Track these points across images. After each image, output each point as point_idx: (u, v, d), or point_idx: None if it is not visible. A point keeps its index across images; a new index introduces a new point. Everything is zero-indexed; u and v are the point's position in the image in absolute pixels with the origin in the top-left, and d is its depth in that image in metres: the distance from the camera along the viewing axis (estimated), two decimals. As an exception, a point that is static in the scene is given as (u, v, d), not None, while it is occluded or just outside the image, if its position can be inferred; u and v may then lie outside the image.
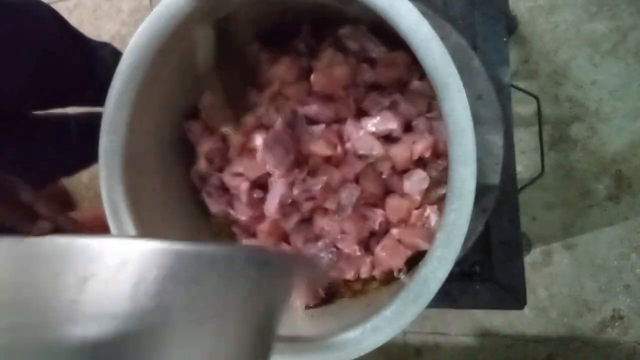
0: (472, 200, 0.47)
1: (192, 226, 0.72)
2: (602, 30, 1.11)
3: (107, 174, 0.58)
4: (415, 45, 0.47)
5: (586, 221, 1.14)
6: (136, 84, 0.58)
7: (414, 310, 0.50)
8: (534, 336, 1.19)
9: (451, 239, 0.48)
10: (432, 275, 0.49)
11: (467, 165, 0.47)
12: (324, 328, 0.60)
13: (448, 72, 0.46)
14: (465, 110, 0.46)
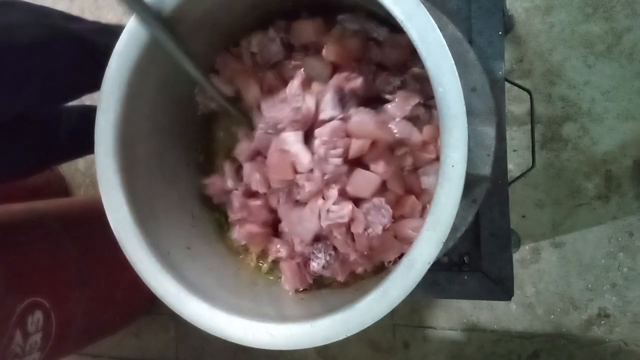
0: (462, 185, 0.47)
1: (187, 209, 0.72)
2: (597, 31, 1.12)
3: (102, 150, 0.58)
4: (409, 28, 0.47)
5: (575, 220, 1.16)
6: (132, 64, 0.58)
7: (401, 292, 0.50)
8: (520, 332, 1.20)
9: (440, 221, 0.48)
10: (419, 257, 0.49)
11: (458, 150, 0.47)
12: (312, 310, 0.61)
13: (442, 57, 0.47)
14: (458, 94, 0.47)
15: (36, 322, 1.00)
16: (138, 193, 0.61)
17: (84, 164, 1.63)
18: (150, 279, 0.58)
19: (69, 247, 1.13)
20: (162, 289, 0.57)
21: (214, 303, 0.56)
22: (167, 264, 0.59)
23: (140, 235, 0.58)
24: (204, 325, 0.55)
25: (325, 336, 0.52)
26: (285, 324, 0.54)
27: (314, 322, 0.53)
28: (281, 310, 0.62)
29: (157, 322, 1.52)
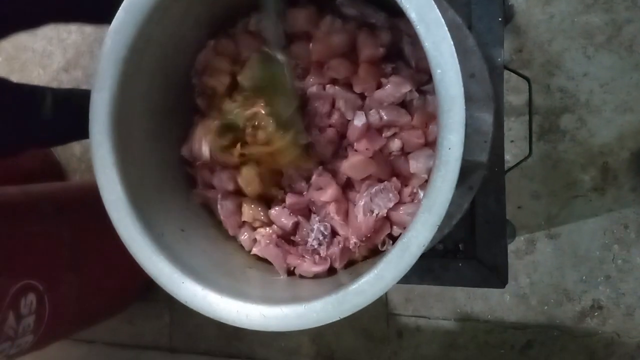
0: (458, 167, 0.47)
1: (181, 192, 0.72)
2: (597, 22, 1.12)
3: (97, 129, 0.58)
4: (408, 8, 0.47)
5: (571, 211, 1.16)
6: (128, 42, 0.57)
7: (395, 274, 0.50)
8: (514, 323, 1.21)
9: (435, 204, 0.48)
10: (414, 239, 0.49)
11: (456, 133, 0.47)
12: (305, 293, 0.61)
13: (441, 37, 0.46)
14: (457, 76, 0.46)
15: (29, 305, 1.00)
16: (133, 173, 0.60)
17: (79, 149, 1.62)
18: (144, 259, 0.57)
19: (63, 230, 1.13)
20: (156, 269, 0.57)
21: (207, 284, 0.56)
22: (161, 245, 0.58)
23: (134, 215, 0.58)
24: (197, 306, 0.55)
25: (318, 318, 0.52)
26: (278, 305, 0.53)
27: (307, 304, 0.52)
28: (274, 292, 0.62)
29: (152, 309, 1.52)
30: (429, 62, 0.47)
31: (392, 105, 0.61)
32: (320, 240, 0.65)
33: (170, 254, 0.58)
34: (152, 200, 0.63)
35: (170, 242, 0.61)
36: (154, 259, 0.57)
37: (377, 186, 0.61)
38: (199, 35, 0.69)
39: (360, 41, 0.62)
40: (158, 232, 0.60)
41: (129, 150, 0.61)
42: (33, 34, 1.65)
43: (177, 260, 0.58)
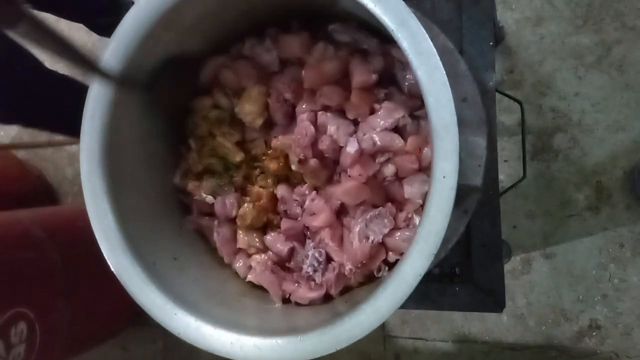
0: (453, 196, 0.47)
1: (174, 219, 0.71)
2: (587, 43, 1.13)
3: (87, 157, 0.57)
4: (400, 38, 0.47)
5: (566, 231, 1.16)
6: (127, 52, 0.57)
7: (391, 305, 0.49)
8: (511, 344, 1.19)
9: (431, 233, 0.47)
10: (410, 269, 0.48)
11: (449, 160, 0.47)
12: (300, 322, 0.60)
13: (433, 66, 0.46)
14: (450, 104, 0.46)
15: (20, 333, 0.98)
16: (124, 202, 0.59)
17: (71, 172, 1.61)
18: (136, 291, 0.56)
19: (54, 256, 1.11)
20: (148, 301, 0.56)
21: (200, 316, 0.55)
22: (153, 275, 0.57)
23: (126, 245, 0.57)
24: (191, 339, 0.54)
25: (313, 350, 0.51)
26: (273, 337, 0.53)
27: (302, 336, 0.52)
28: (269, 323, 0.61)
29: (145, 333, 1.50)
30: (421, 90, 0.47)
31: (385, 130, 0.61)
32: (315, 266, 0.65)
33: (163, 284, 0.57)
34: (143, 229, 0.62)
35: (162, 271, 0.60)
36: (146, 289, 0.56)
37: (372, 212, 0.61)
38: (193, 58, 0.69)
39: (353, 67, 0.62)
40: (150, 261, 0.59)
41: (120, 178, 0.60)
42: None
43: (169, 291, 0.57)
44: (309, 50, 0.64)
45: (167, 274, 0.60)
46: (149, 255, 0.59)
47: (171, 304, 0.55)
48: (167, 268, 0.61)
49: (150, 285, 0.56)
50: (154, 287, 0.56)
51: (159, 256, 0.62)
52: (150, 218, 0.65)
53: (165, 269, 0.61)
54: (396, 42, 0.48)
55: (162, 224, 0.68)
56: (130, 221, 0.59)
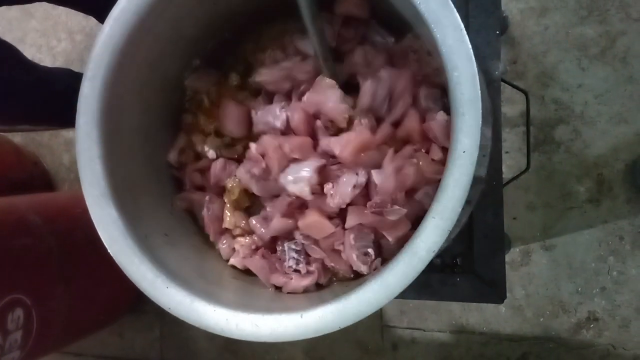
0: (472, 172, 0.44)
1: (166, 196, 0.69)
2: (591, 34, 1.12)
3: (85, 119, 0.55)
4: (424, 11, 0.45)
5: (566, 223, 1.15)
6: (127, 31, 0.54)
7: (402, 281, 0.46)
8: (509, 335, 1.20)
9: (447, 208, 0.45)
10: (423, 244, 0.46)
11: (471, 136, 0.44)
12: (305, 303, 0.59)
13: (459, 40, 0.45)
14: (474, 79, 0.44)
15: (16, 320, 0.97)
16: (118, 169, 0.56)
17: (68, 158, 1.60)
18: (126, 263, 0.53)
19: (51, 243, 1.10)
20: (138, 274, 0.53)
21: (193, 291, 0.52)
22: (145, 247, 0.54)
23: (117, 214, 0.54)
24: (183, 315, 0.51)
25: (316, 328, 0.48)
26: (272, 314, 0.50)
27: (304, 313, 0.48)
28: (265, 302, 0.58)
29: (142, 321, 1.50)
30: (445, 65, 0.45)
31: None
32: (295, 259, 0.64)
33: (155, 257, 0.54)
34: (136, 199, 0.59)
35: (154, 245, 0.57)
36: (136, 261, 0.53)
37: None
38: (198, 35, 0.67)
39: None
40: (141, 233, 0.56)
41: (116, 144, 0.56)
42: (22, 42, 1.63)
43: (161, 265, 0.54)
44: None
45: (159, 248, 0.57)
46: (140, 227, 0.56)
47: (163, 277, 0.52)
48: (158, 243, 0.59)
49: (141, 257, 0.53)
50: (145, 259, 0.53)
51: (151, 230, 0.59)
52: (142, 190, 0.62)
53: (157, 244, 0.58)
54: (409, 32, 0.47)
55: (154, 198, 0.65)
56: (123, 190, 0.56)
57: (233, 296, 0.58)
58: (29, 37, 1.63)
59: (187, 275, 0.56)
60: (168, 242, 0.61)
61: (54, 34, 1.62)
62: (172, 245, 0.61)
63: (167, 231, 0.63)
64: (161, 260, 0.55)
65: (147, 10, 0.54)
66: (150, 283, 0.52)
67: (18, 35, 1.63)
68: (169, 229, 0.64)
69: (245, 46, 0.71)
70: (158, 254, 0.56)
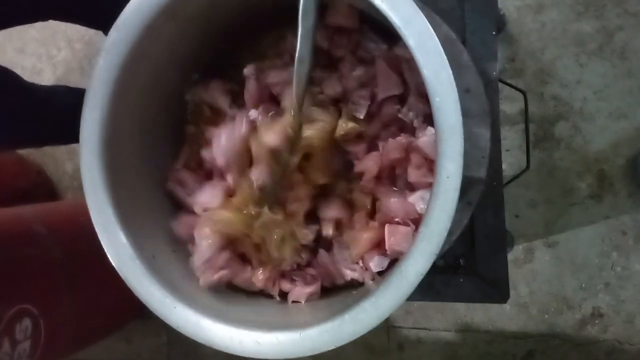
0: (456, 197, 0.46)
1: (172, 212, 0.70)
2: (588, 30, 1.12)
3: (87, 149, 0.56)
4: (407, 35, 0.46)
5: (568, 219, 1.15)
6: (121, 61, 0.56)
7: (393, 303, 0.49)
8: (514, 332, 1.20)
9: (433, 233, 0.47)
10: (412, 268, 0.48)
11: (454, 161, 0.46)
12: (300, 318, 0.60)
13: (440, 66, 0.46)
14: (455, 104, 0.45)
15: (24, 330, 0.98)
16: (123, 193, 0.58)
17: (71, 166, 1.61)
18: (135, 284, 0.55)
19: (56, 252, 1.11)
20: (147, 294, 0.55)
21: (200, 309, 0.55)
22: (153, 268, 0.56)
23: (125, 237, 0.56)
24: (190, 333, 0.54)
25: (313, 346, 0.51)
26: (273, 332, 0.52)
27: (302, 331, 0.51)
28: (267, 317, 0.60)
29: (148, 327, 1.50)
30: (427, 90, 0.46)
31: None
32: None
33: (162, 277, 0.56)
34: (142, 220, 0.61)
35: (161, 264, 0.59)
36: (145, 282, 0.55)
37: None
38: (194, 51, 0.68)
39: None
40: (149, 254, 0.58)
41: (119, 169, 0.59)
42: (22, 51, 1.64)
43: (168, 284, 0.56)
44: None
45: (167, 267, 0.59)
46: (148, 248, 0.58)
47: (170, 298, 0.55)
48: (166, 261, 0.60)
49: (149, 278, 0.55)
50: (153, 280, 0.55)
51: (158, 249, 0.61)
52: (148, 210, 0.64)
53: (165, 262, 0.60)
54: (401, 40, 0.48)
55: (160, 215, 0.66)
56: (129, 213, 0.58)
57: (239, 311, 0.60)
58: (28, 47, 1.64)
59: (194, 293, 0.59)
60: (176, 259, 0.63)
61: (53, 43, 1.63)
62: (180, 263, 0.63)
63: (174, 247, 0.64)
64: (169, 280, 0.57)
65: (139, 38, 0.55)
66: (159, 303, 0.55)
67: (18, 45, 1.64)
68: (176, 245, 0.65)
69: (243, 55, 0.71)
70: (166, 274, 0.58)
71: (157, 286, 0.55)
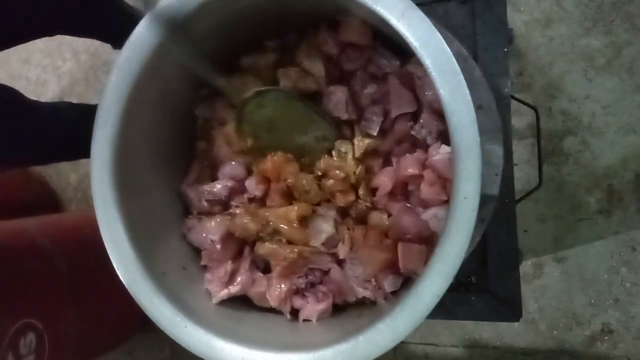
0: (474, 218, 0.46)
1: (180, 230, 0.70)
2: (596, 45, 1.12)
3: (98, 166, 0.56)
4: (423, 55, 0.46)
5: (577, 234, 1.14)
6: (133, 78, 0.56)
7: (408, 325, 0.48)
8: (523, 349, 1.18)
9: (450, 254, 0.47)
10: (428, 290, 0.48)
11: (472, 181, 0.46)
12: (313, 338, 0.59)
13: (457, 85, 0.45)
14: (473, 124, 0.45)
15: (29, 344, 0.97)
16: (134, 210, 0.59)
17: (75, 178, 1.60)
18: (146, 302, 0.55)
19: (60, 264, 1.10)
20: (158, 313, 0.55)
21: (211, 328, 0.54)
22: (163, 286, 0.56)
23: (135, 255, 0.56)
24: (202, 353, 0.53)
25: None
26: (285, 353, 0.52)
27: (315, 352, 0.51)
28: (279, 337, 0.60)
29: (152, 340, 1.49)
30: (444, 110, 0.46)
31: None
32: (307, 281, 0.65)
33: (172, 295, 0.56)
34: (153, 238, 0.61)
35: (172, 282, 0.59)
36: (156, 301, 0.55)
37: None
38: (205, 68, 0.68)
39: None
40: (159, 271, 0.58)
41: (129, 186, 0.59)
42: (27, 62, 1.64)
43: (179, 302, 0.56)
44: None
45: (177, 284, 0.60)
46: (158, 265, 0.59)
47: (181, 316, 0.55)
48: (176, 279, 0.61)
49: (160, 296, 0.55)
50: (163, 299, 0.55)
51: (168, 266, 0.61)
52: (158, 227, 0.64)
53: (175, 280, 0.60)
54: (414, 56, 0.48)
55: (170, 232, 0.67)
56: (139, 231, 0.58)
57: (250, 330, 0.59)
58: (34, 58, 1.64)
59: (205, 311, 0.59)
60: (186, 277, 0.62)
61: (59, 54, 1.63)
62: (190, 280, 0.63)
63: (185, 264, 0.64)
64: (179, 298, 0.57)
65: (151, 56, 0.56)
66: (170, 321, 0.54)
67: (23, 55, 1.64)
68: (187, 262, 0.65)
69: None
70: (176, 291, 0.58)
71: (168, 304, 0.55)
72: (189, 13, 0.55)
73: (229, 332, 0.55)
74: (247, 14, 0.61)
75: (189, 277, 0.64)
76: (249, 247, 0.67)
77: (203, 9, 0.55)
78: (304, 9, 0.61)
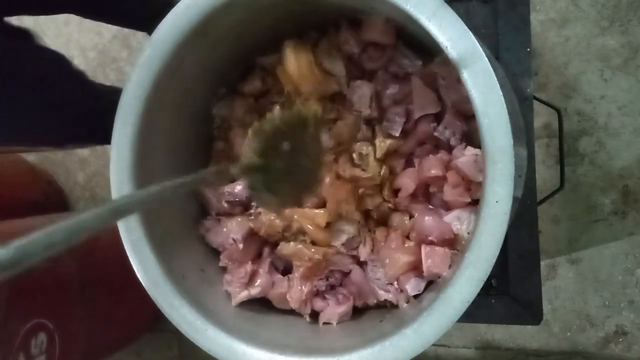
0: (506, 222, 0.45)
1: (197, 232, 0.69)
2: (613, 45, 1.11)
3: (118, 166, 0.56)
4: (454, 56, 0.45)
5: (592, 236, 1.14)
6: (153, 77, 0.55)
7: (437, 330, 0.47)
8: (536, 350, 1.18)
9: (480, 259, 0.46)
10: (458, 295, 0.47)
11: (504, 185, 0.45)
12: (337, 342, 0.58)
13: (490, 87, 0.44)
14: (506, 126, 0.44)
15: (40, 345, 0.96)
16: (153, 213, 0.58)
17: (83, 177, 1.59)
18: (166, 306, 0.54)
19: (71, 265, 1.09)
20: (178, 316, 0.54)
21: (231, 332, 0.53)
22: (183, 289, 0.56)
23: (155, 258, 0.55)
24: (223, 357, 0.53)
25: None
26: (309, 357, 0.51)
27: (340, 357, 0.50)
28: (300, 341, 0.59)
29: (160, 340, 1.48)
30: (475, 112, 0.45)
31: None
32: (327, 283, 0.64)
33: (193, 298, 0.56)
34: (172, 240, 0.60)
35: (191, 285, 0.58)
36: (176, 304, 0.54)
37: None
38: (223, 68, 0.67)
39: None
40: (179, 274, 0.57)
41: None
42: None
43: (199, 306, 0.55)
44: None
45: (196, 287, 0.59)
46: (177, 268, 0.58)
47: (202, 320, 0.54)
48: (195, 281, 0.60)
49: (180, 300, 0.54)
50: (184, 302, 0.54)
51: (188, 269, 0.60)
52: (175, 229, 0.63)
53: (194, 283, 0.59)
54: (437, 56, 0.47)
55: (187, 234, 0.66)
56: (157, 233, 0.57)
57: (270, 333, 0.58)
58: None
59: (225, 314, 0.58)
60: (205, 280, 0.62)
61: (66, 51, 1.62)
62: (209, 283, 0.62)
63: (203, 267, 0.63)
64: (199, 301, 0.56)
65: (171, 55, 0.55)
66: (190, 325, 0.54)
67: (31, 54, 1.63)
68: (205, 264, 0.64)
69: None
70: (196, 295, 0.57)
71: (188, 307, 0.54)
72: (211, 12, 0.54)
73: (250, 335, 0.54)
74: (269, 13, 0.60)
75: (207, 279, 0.63)
76: (268, 248, 0.66)
77: (227, 8, 0.53)
78: (327, 6, 0.60)
